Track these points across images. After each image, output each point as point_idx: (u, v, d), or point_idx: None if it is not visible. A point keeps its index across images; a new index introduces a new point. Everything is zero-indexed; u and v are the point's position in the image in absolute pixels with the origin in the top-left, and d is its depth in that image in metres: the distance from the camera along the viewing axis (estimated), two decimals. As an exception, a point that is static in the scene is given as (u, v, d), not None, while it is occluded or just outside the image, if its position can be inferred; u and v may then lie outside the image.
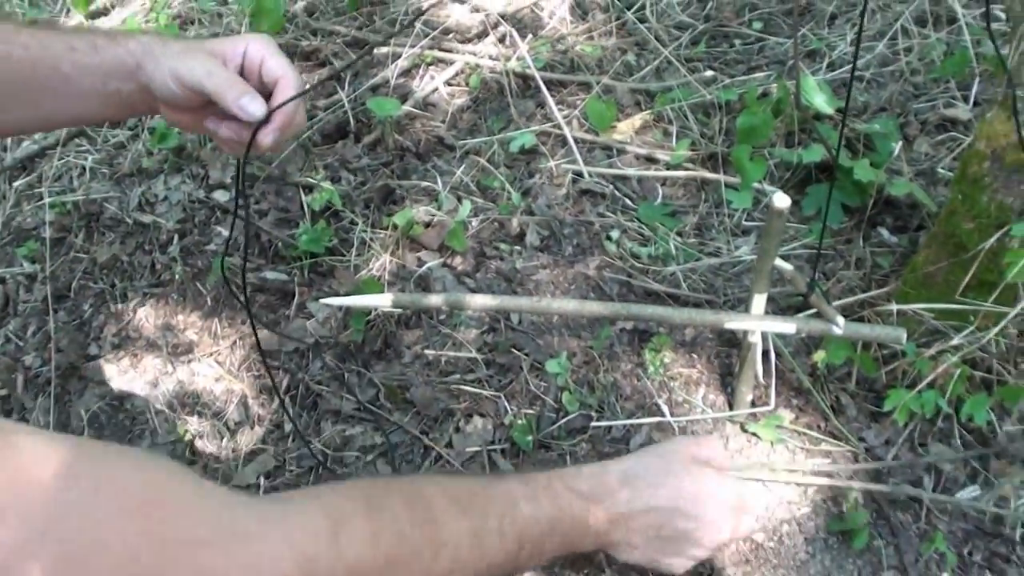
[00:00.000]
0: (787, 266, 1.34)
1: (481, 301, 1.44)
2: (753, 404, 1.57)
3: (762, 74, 2.20)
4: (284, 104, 1.13)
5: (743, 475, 1.46)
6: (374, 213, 1.93)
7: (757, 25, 2.39)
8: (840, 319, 1.35)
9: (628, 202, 1.94)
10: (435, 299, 1.47)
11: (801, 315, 1.49)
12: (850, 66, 2.18)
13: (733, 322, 1.39)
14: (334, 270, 1.84)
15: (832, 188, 1.51)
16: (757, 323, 1.38)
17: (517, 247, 1.85)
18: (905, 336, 1.35)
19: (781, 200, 1.22)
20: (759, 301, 1.38)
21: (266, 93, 1.15)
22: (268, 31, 2.10)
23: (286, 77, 1.16)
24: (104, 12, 2.64)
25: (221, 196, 2.01)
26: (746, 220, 1.90)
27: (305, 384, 1.70)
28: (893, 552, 1.41)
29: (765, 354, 1.49)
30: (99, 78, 1.18)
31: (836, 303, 1.64)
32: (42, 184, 2.16)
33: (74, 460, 0.74)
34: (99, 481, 0.77)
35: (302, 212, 1.92)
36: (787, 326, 1.37)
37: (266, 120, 1.12)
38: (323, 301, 1.49)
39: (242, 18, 2.29)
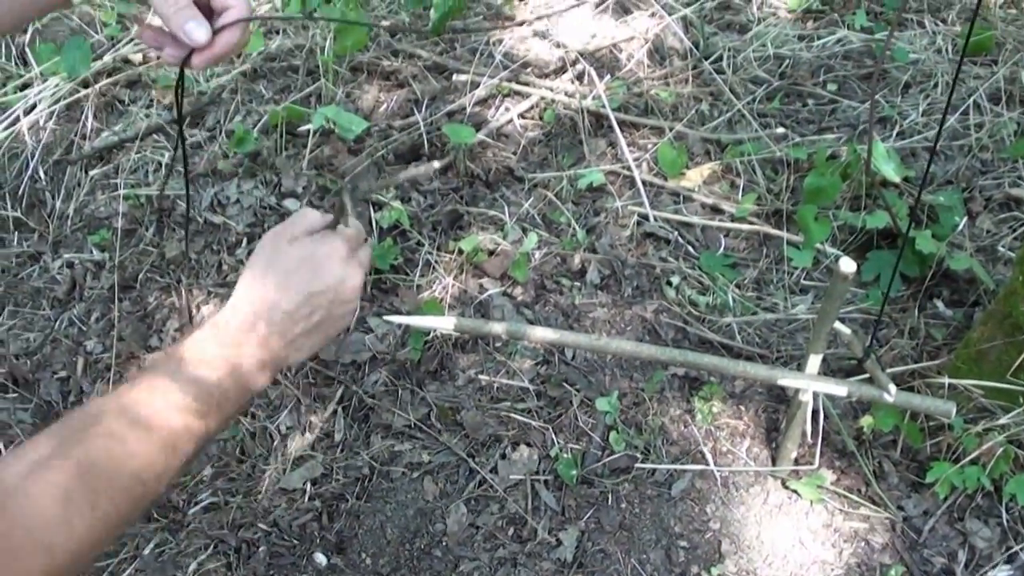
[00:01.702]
0: (846, 330, 1.38)
1: (541, 334, 1.49)
2: (796, 461, 1.61)
3: (832, 136, 2.24)
4: (227, 27, 1.10)
5: None
6: (440, 236, 1.99)
7: (831, 87, 2.43)
8: (892, 387, 1.39)
9: (691, 249, 1.98)
10: (497, 327, 1.51)
11: (854, 379, 1.53)
12: (921, 136, 2.22)
13: (787, 380, 1.43)
14: (397, 288, 1.89)
15: (899, 260, 1.55)
16: (811, 383, 1.42)
17: (577, 283, 1.91)
18: (954, 410, 1.38)
19: (847, 265, 1.26)
20: (814, 361, 1.42)
21: (208, 12, 1.11)
22: (351, 48, 2.16)
23: (237, 6, 1.11)
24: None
25: (292, 204, 2.07)
26: (805, 279, 1.94)
27: (359, 396, 1.75)
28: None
29: (814, 413, 1.53)
30: None
31: (888, 370, 1.68)
32: (118, 175, 2.22)
33: None
34: None
35: (370, 228, 1.98)
36: (840, 389, 1.41)
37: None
38: (387, 319, 1.54)
39: (327, 32, 2.35)
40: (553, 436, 1.67)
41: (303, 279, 1.22)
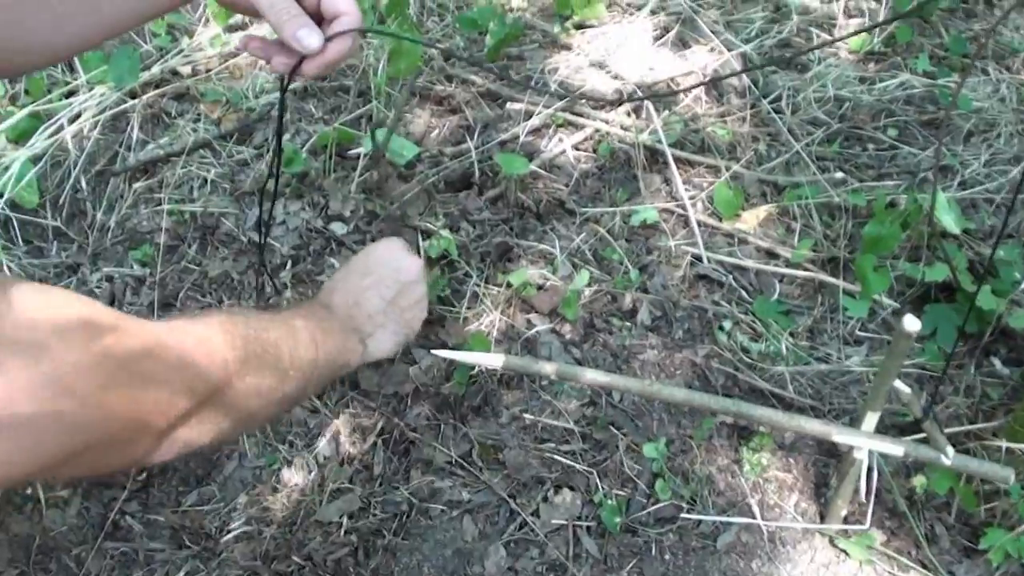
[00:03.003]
0: (905, 389, 1.38)
1: (592, 376, 1.49)
2: (846, 519, 1.61)
3: (892, 182, 2.23)
4: (339, 35, 1.15)
5: None
6: (489, 268, 1.99)
7: (892, 132, 2.43)
8: (950, 450, 1.39)
9: (744, 294, 1.98)
10: (547, 367, 1.52)
11: (910, 438, 1.53)
12: (982, 187, 2.21)
13: (842, 437, 1.43)
14: (443, 319, 1.90)
15: (967, 319, 1.55)
16: (866, 441, 1.42)
17: (627, 323, 1.91)
18: (1013, 476, 1.38)
19: (912, 324, 1.27)
20: (871, 419, 1.42)
21: (318, 19, 1.16)
22: (405, 72, 2.17)
23: (350, 13, 1.17)
24: (242, 27, 2.74)
25: (339, 228, 2.09)
26: (860, 330, 1.94)
27: (400, 429, 1.76)
28: None
29: (868, 472, 1.52)
30: None
31: (944, 430, 1.67)
32: (162, 190, 2.24)
33: None
34: None
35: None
36: (896, 449, 1.41)
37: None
38: (434, 352, 1.55)
39: (381, 54, 2.37)
40: (597, 481, 1.67)
41: (366, 263, 1.66)
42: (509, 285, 1.92)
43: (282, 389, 1.25)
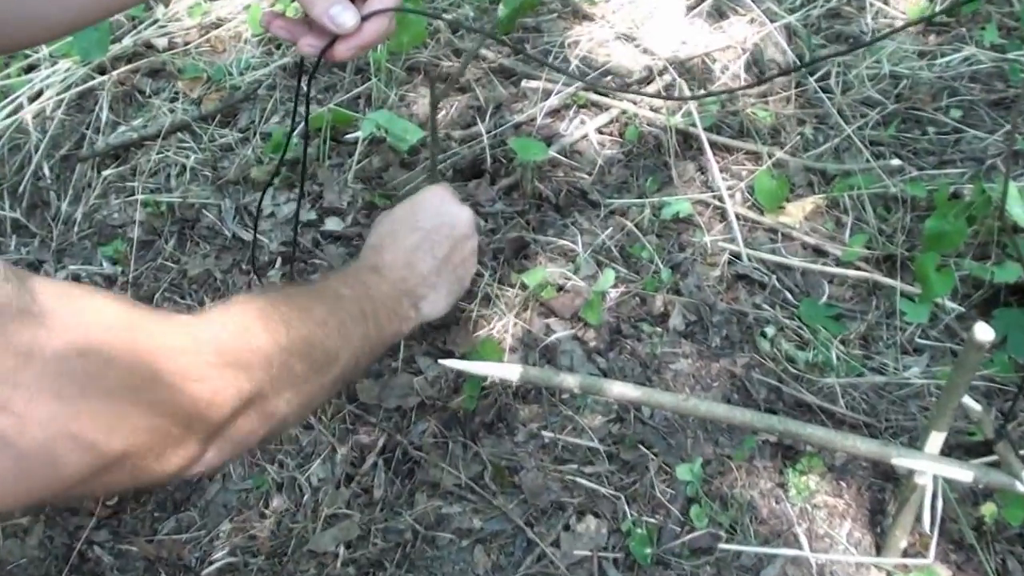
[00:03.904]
0: (975, 406, 1.37)
1: (620, 390, 1.48)
2: (906, 552, 1.60)
3: (956, 171, 2.22)
4: (376, 13, 1.16)
5: None
6: (503, 267, 1.99)
7: (955, 113, 2.41)
8: (1026, 474, 1.38)
9: (789, 296, 1.98)
10: (569, 379, 1.51)
11: (979, 461, 1.52)
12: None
13: (903, 460, 1.42)
14: (451, 325, 1.90)
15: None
16: (930, 464, 1.41)
17: (658, 329, 1.91)
18: (1096, 505, 1.37)
19: (984, 332, 1.25)
20: (936, 439, 1.41)
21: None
22: (408, 45, 2.17)
23: None
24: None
25: (334, 223, 2.08)
26: (920, 337, 1.93)
27: (403, 448, 1.76)
28: None
29: (931, 499, 1.51)
30: None
31: (1020, 452, 1.66)
32: (135, 178, 2.24)
33: None
34: None
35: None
36: (964, 474, 1.40)
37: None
38: (441, 362, 1.55)
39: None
40: (625, 507, 1.67)
41: (414, 216, 1.62)
42: (525, 286, 1.92)
43: (331, 372, 1.25)
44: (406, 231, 1.61)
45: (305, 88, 1.34)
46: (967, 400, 1.37)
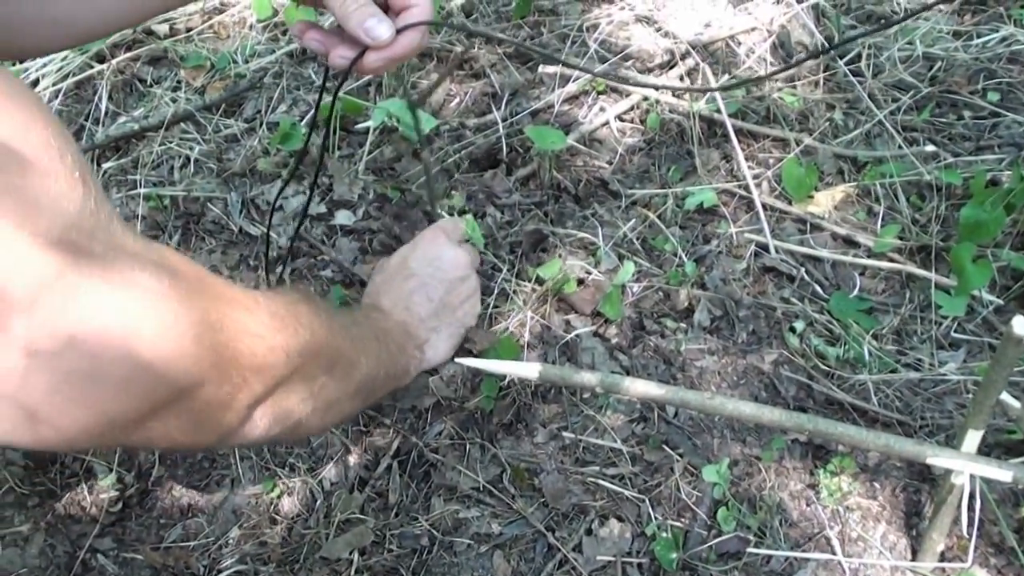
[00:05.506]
0: (1015, 403, 1.37)
1: (643, 388, 1.48)
2: (943, 556, 1.60)
3: (993, 156, 2.22)
4: (410, 27, 1.20)
5: None
6: (520, 260, 1.99)
7: (993, 96, 2.41)
8: (1067, 474, 1.38)
9: (819, 289, 1.98)
10: (589, 378, 1.51)
11: (1018, 461, 1.52)
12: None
13: (939, 459, 1.42)
14: (467, 322, 1.90)
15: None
16: (968, 464, 1.41)
17: (683, 324, 1.91)
18: None
19: (1022, 326, 1.25)
20: (973, 438, 1.41)
21: (384, 9, 1.21)
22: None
23: (421, 4, 1.23)
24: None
25: (345, 217, 2.09)
26: (956, 331, 1.93)
27: (419, 450, 1.76)
28: None
29: (969, 500, 1.51)
30: None
31: (1058, 450, 1.67)
32: (137, 171, 2.25)
33: None
34: None
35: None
36: (1003, 474, 1.40)
37: None
38: (458, 360, 1.55)
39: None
40: (650, 510, 1.67)
41: (406, 263, 1.71)
42: (543, 280, 1.92)
43: (353, 379, 1.31)
44: (400, 279, 1.70)
45: (332, 98, 1.37)
46: (1006, 397, 1.37)
